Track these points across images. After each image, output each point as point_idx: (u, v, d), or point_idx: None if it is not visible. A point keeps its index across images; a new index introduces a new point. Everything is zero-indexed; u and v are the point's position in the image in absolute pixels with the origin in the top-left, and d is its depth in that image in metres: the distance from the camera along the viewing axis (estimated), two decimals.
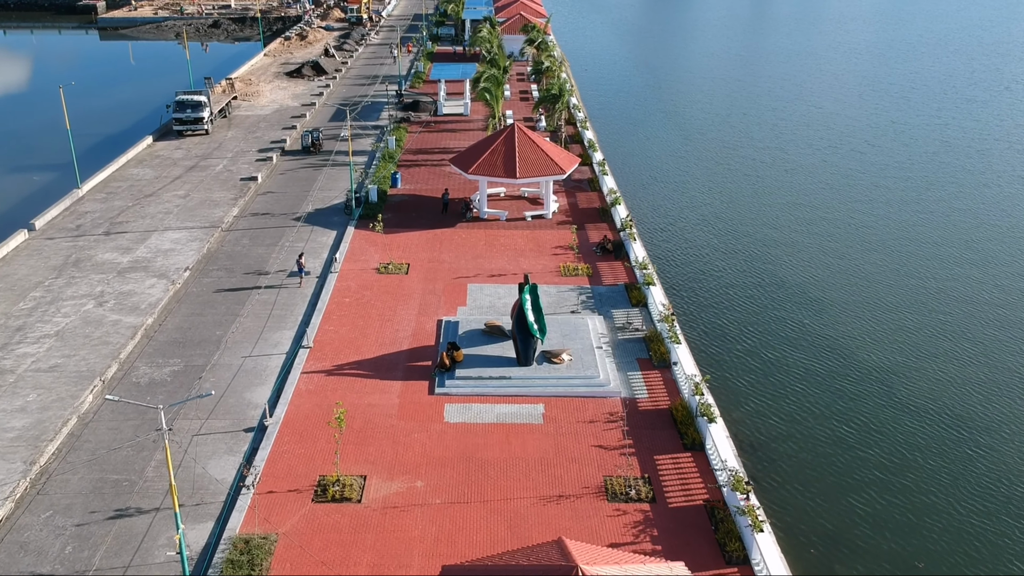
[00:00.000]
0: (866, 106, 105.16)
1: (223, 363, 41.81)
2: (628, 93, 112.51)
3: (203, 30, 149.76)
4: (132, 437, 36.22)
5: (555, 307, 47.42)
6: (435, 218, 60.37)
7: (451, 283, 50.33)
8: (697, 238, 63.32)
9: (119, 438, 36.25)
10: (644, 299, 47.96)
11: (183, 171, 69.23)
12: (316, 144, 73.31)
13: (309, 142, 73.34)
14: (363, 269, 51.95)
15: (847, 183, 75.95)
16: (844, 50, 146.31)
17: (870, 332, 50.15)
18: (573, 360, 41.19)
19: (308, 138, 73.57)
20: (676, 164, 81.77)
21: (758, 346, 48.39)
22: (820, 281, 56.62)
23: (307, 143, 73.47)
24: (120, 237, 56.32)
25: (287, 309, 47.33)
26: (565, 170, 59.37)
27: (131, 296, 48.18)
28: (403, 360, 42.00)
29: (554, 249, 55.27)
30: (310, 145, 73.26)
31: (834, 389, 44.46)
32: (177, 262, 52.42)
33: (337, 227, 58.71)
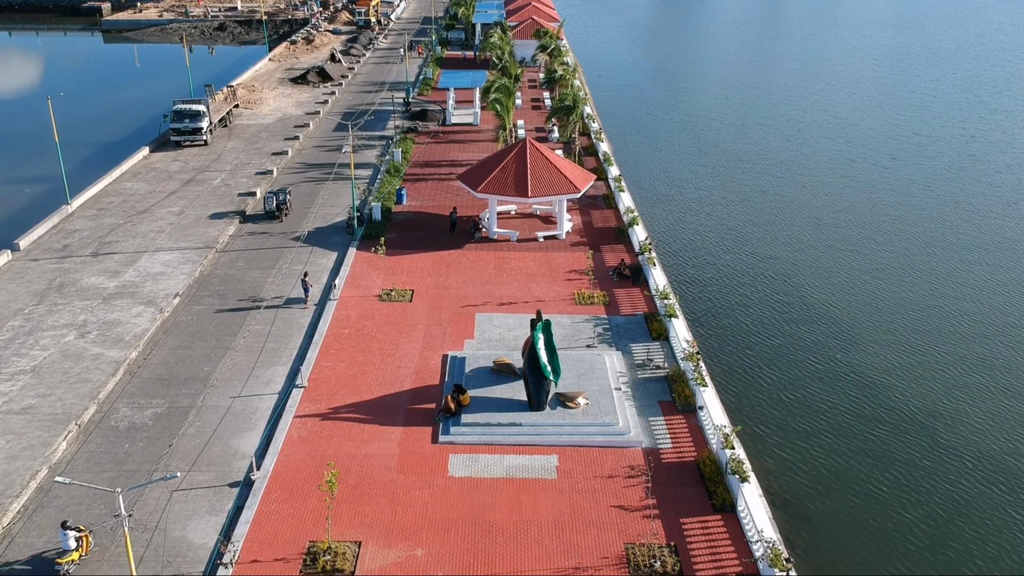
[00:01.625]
0: (886, 116, 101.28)
1: (210, 404, 38.56)
2: (642, 100, 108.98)
3: (208, 33, 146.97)
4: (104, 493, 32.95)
5: (569, 340, 44.06)
6: (442, 238, 57.08)
7: (458, 312, 47.00)
8: (719, 263, 59.78)
9: (92, 493, 33.00)
10: (665, 332, 44.51)
11: (179, 185, 66.10)
12: (283, 208, 59.00)
13: (274, 206, 58.76)
14: (364, 296, 48.68)
15: (872, 201, 72.22)
16: (861, 55, 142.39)
17: (909, 368, 46.56)
18: (590, 404, 37.81)
19: (272, 201, 58.81)
20: (694, 179, 78.25)
21: (790, 385, 44.87)
22: (851, 312, 53.02)
23: (271, 207, 58.83)
24: (108, 259, 53.19)
25: (282, 341, 44.08)
26: (580, 188, 55.99)
27: (115, 326, 45.00)
28: (405, 402, 38.69)
29: (568, 274, 51.87)
30: (275, 209, 58.76)
31: (875, 435, 40.94)
32: (167, 287, 49.24)
33: (338, 248, 55.46)
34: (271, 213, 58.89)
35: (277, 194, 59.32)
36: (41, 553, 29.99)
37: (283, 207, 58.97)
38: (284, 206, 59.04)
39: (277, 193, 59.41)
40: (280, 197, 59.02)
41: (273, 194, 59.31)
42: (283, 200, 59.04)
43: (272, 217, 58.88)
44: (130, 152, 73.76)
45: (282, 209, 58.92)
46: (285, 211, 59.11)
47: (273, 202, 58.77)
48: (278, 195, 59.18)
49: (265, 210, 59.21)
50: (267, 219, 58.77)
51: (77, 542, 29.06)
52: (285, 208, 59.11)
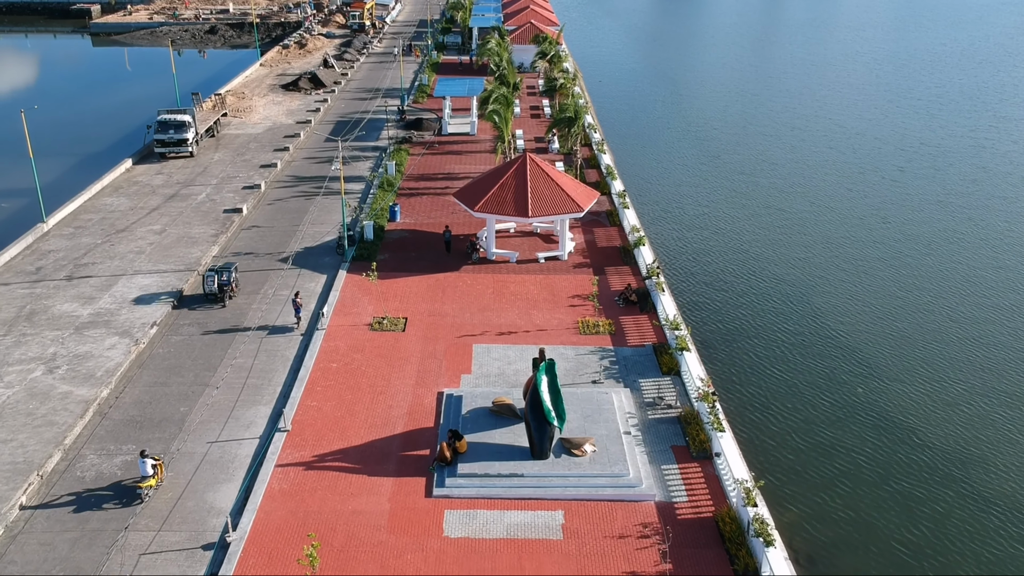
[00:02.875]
0: (892, 125, 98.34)
1: (185, 451, 35.52)
2: (643, 108, 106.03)
3: (199, 36, 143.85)
4: (67, 555, 29.97)
5: (574, 375, 41.09)
6: (437, 258, 54.09)
7: (454, 343, 43.99)
8: (729, 288, 56.81)
9: (52, 557, 30.00)
10: (676, 366, 41.55)
11: (161, 201, 63.02)
12: (226, 289, 47.36)
13: (215, 287, 46.97)
14: (354, 325, 45.65)
15: (883, 217, 69.30)
16: (863, 59, 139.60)
17: (933, 403, 43.66)
18: (597, 451, 34.84)
19: (214, 281, 47.02)
20: (699, 194, 75.30)
21: (809, 427, 41.93)
22: (869, 340, 50.11)
23: (212, 288, 46.99)
24: (84, 283, 50.12)
25: (265, 377, 41.04)
26: (583, 207, 53.01)
27: (87, 360, 41.93)
28: (396, 448, 35.68)
29: (571, 299, 48.89)
30: (217, 291, 47.05)
31: (901, 483, 38.01)
32: (143, 315, 46.16)
33: (328, 270, 52.44)
34: (212, 296, 47.27)
35: (220, 272, 47.35)
36: (120, 481, 33.62)
37: (227, 288, 47.23)
38: (228, 287, 47.28)
39: (220, 271, 47.44)
40: (223, 276, 47.23)
41: (215, 272, 47.28)
42: (227, 280, 47.21)
43: (214, 300, 47.31)
44: (113, 163, 70.77)
45: (225, 291, 47.12)
46: (230, 293, 47.45)
47: (215, 282, 46.97)
48: (220, 273, 47.28)
49: (205, 292, 47.30)
50: (208, 302, 47.34)
51: (154, 469, 32.78)
52: (229, 289, 47.39)
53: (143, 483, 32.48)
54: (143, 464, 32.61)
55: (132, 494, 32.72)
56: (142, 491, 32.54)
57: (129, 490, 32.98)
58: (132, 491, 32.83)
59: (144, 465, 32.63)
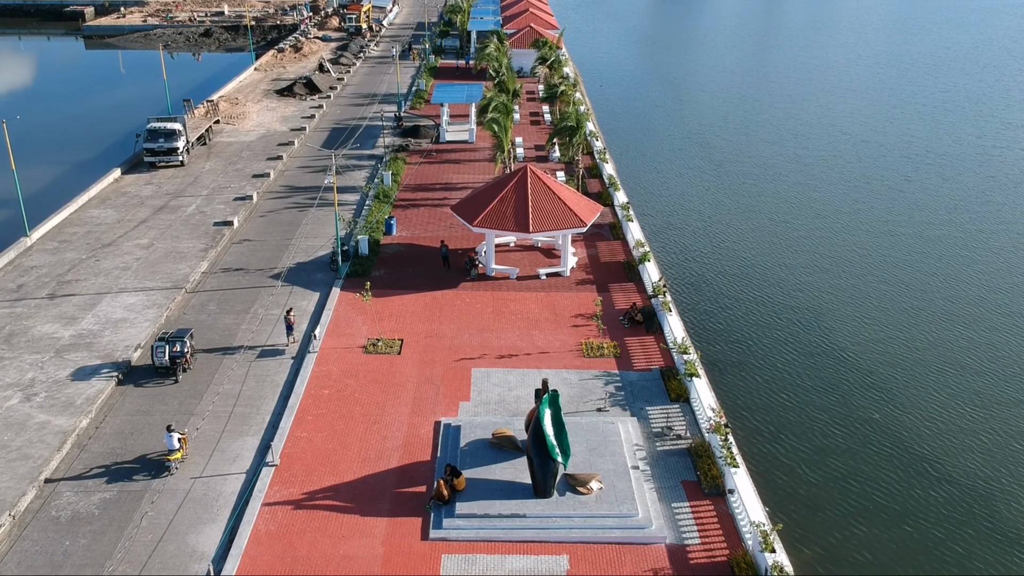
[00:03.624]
0: (897, 132, 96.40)
1: (167, 488, 33.55)
2: (644, 113, 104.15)
3: (194, 39, 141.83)
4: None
5: (577, 402, 39.15)
6: (435, 274, 52.14)
7: (452, 367, 42.03)
8: (737, 307, 54.96)
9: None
10: (685, 393, 39.60)
11: (150, 213, 61.02)
12: (179, 361, 40.76)
13: (166, 360, 40.51)
14: (348, 347, 43.68)
15: (892, 231, 67.40)
16: (866, 64, 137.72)
17: (955, 433, 41.82)
18: (603, 488, 32.89)
19: (164, 353, 40.48)
20: (703, 206, 73.43)
21: (824, 458, 40.09)
22: (883, 362, 48.29)
23: (162, 360, 40.57)
24: (66, 302, 48.12)
25: (253, 405, 39.05)
26: (586, 222, 51.09)
27: (66, 387, 39.95)
28: (391, 484, 33.72)
29: (574, 319, 46.94)
30: (168, 364, 40.61)
31: (924, 519, 36.14)
32: (128, 337, 44.18)
33: (321, 287, 50.48)
34: (163, 369, 40.94)
35: (171, 342, 40.71)
36: (145, 455, 35.40)
37: (180, 360, 40.72)
38: (181, 359, 40.75)
39: (171, 340, 40.77)
40: (176, 346, 40.63)
41: (165, 343, 40.67)
42: (180, 351, 40.64)
43: (166, 373, 40.97)
44: (101, 172, 68.88)
45: (178, 363, 40.72)
46: (183, 365, 40.99)
47: (165, 354, 40.51)
48: (172, 343, 40.69)
49: (155, 365, 40.90)
50: (158, 376, 40.86)
51: (179, 443, 34.50)
52: (183, 361, 40.89)
53: (171, 456, 34.30)
54: (170, 438, 34.24)
55: (160, 466, 34.58)
56: (170, 463, 34.37)
57: (156, 463, 34.84)
58: (160, 464, 34.67)
59: (171, 439, 34.27)
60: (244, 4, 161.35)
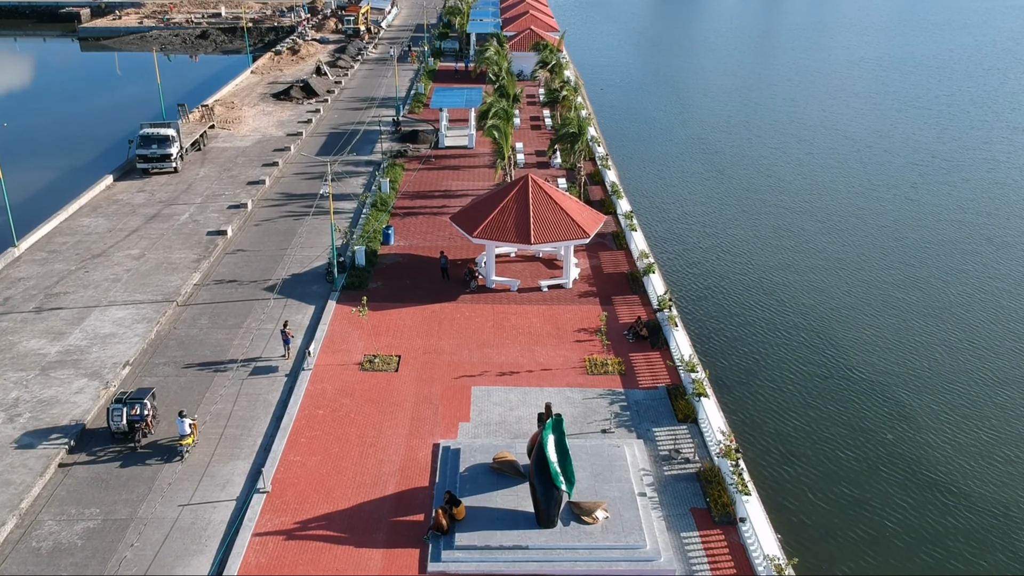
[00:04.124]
0: (902, 136, 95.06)
1: (153, 516, 32.12)
2: (646, 118, 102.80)
3: (190, 41, 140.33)
4: None
5: (581, 422, 37.76)
6: (433, 286, 50.74)
7: (451, 385, 40.63)
8: (744, 319, 53.71)
9: None
10: (693, 413, 38.21)
11: (142, 222, 59.58)
12: (139, 425, 35.78)
13: (123, 424, 35.56)
14: (343, 364, 42.26)
15: (900, 240, 66.22)
16: (869, 66, 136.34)
17: (973, 452, 40.41)
18: (610, 517, 31.49)
19: (121, 416, 35.50)
20: (706, 214, 72.12)
21: (838, 483, 38.75)
22: (896, 380, 47.00)
23: (119, 425, 35.60)
24: (54, 316, 46.69)
25: (245, 426, 37.63)
26: (589, 233, 49.68)
27: (52, 406, 38.52)
28: (387, 512, 32.31)
29: (576, 333, 45.54)
30: (126, 429, 35.72)
31: (943, 556, 34.75)
32: (116, 354, 42.74)
33: (316, 300, 49.05)
34: (120, 434, 35.98)
35: (130, 404, 35.70)
36: (156, 441, 36.01)
37: (140, 424, 35.78)
38: (141, 423, 35.79)
39: (130, 402, 35.77)
40: (136, 409, 35.64)
41: (122, 405, 35.62)
42: (140, 414, 35.67)
43: (124, 439, 36.03)
44: (93, 178, 67.48)
45: (138, 427, 35.77)
46: (144, 430, 36.01)
47: (122, 417, 35.48)
48: (131, 404, 35.68)
49: (112, 430, 35.92)
50: (116, 442, 36.01)
51: (190, 428, 35.12)
52: (143, 426, 35.89)
53: (183, 441, 34.95)
54: (181, 423, 34.92)
55: (173, 452, 35.21)
56: (182, 448, 35.00)
57: (170, 448, 35.51)
58: (173, 449, 35.29)
59: (182, 424, 34.92)
60: (241, 6, 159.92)
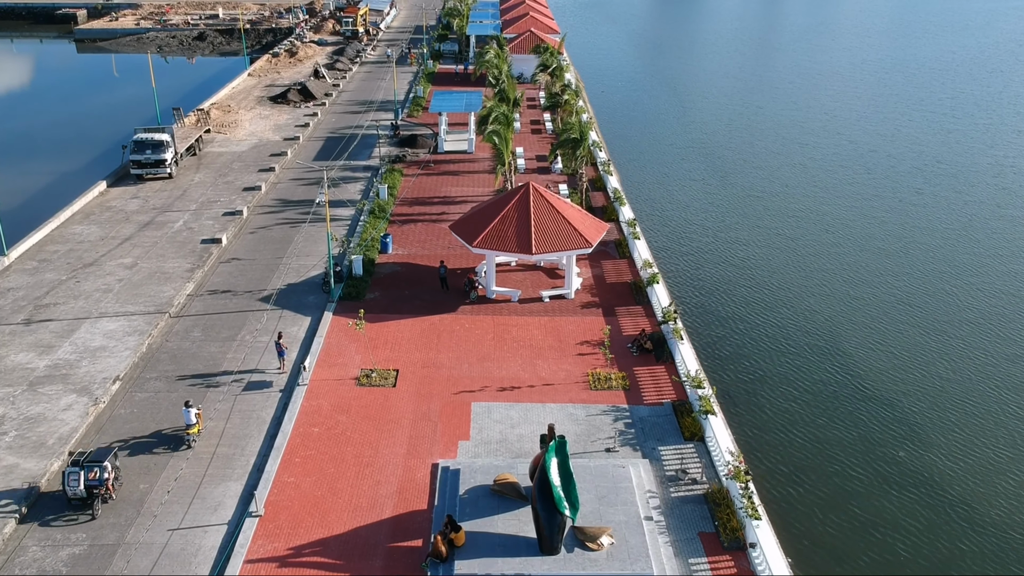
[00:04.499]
0: (906, 141, 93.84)
1: (141, 541, 30.97)
2: (647, 121, 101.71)
3: (187, 43, 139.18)
4: None
5: (585, 440, 36.62)
6: (432, 297, 49.61)
7: (450, 401, 39.49)
8: (750, 331, 52.57)
9: None
10: (700, 431, 37.08)
11: (135, 229, 58.43)
12: (98, 491, 31.65)
13: (81, 489, 31.44)
14: (339, 379, 41.12)
15: (906, 248, 65.06)
16: (871, 68, 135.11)
17: (986, 474, 39.29)
18: (615, 543, 30.35)
19: (78, 480, 31.39)
20: (709, 221, 71.00)
21: (849, 504, 37.59)
22: (910, 396, 45.81)
23: (76, 490, 31.49)
24: (43, 328, 45.53)
25: (238, 445, 36.49)
26: (591, 242, 48.56)
27: (39, 424, 37.38)
28: (384, 537, 31.17)
29: (579, 346, 44.41)
30: (84, 495, 31.63)
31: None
32: (106, 368, 41.60)
33: (312, 311, 47.91)
34: (79, 500, 31.98)
35: (88, 467, 31.75)
36: (161, 430, 36.98)
37: (99, 489, 31.65)
38: (100, 488, 31.66)
39: (88, 465, 31.80)
40: (95, 472, 31.67)
41: (79, 468, 31.63)
42: (99, 479, 31.62)
43: (81, 506, 32.05)
44: (87, 183, 66.44)
45: (97, 493, 31.66)
46: (103, 494, 31.92)
47: (79, 482, 31.38)
48: (90, 468, 31.74)
49: (68, 495, 31.75)
50: (73, 509, 32.04)
51: (196, 417, 35.90)
52: (103, 491, 31.77)
53: (189, 430, 35.71)
54: (187, 413, 35.68)
55: (180, 441, 36.02)
56: (189, 437, 35.78)
57: (175, 437, 36.32)
58: (179, 439, 36.09)
59: (188, 414, 35.68)
60: (239, 7, 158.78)
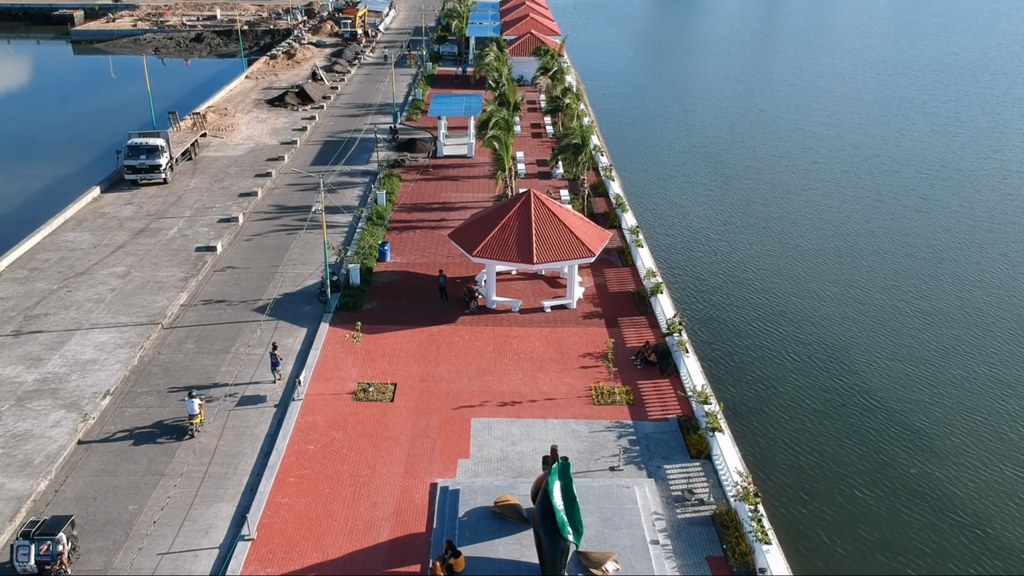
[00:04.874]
0: (910, 145, 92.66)
1: (132, 566, 29.88)
2: (648, 124, 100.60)
3: (185, 44, 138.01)
4: None
5: (588, 458, 35.57)
6: (431, 307, 48.54)
7: (449, 417, 38.42)
8: (755, 341, 51.50)
9: None
10: (707, 449, 36.01)
11: (128, 236, 57.35)
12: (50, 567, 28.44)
13: (31, 565, 28.32)
14: (336, 393, 40.05)
15: (912, 256, 63.95)
16: (874, 71, 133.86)
17: (1004, 494, 38.21)
18: (620, 569, 29.29)
19: (28, 555, 28.33)
20: (712, 228, 69.91)
21: (862, 525, 36.48)
22: (923, 412, 44.75)
23: (25, 568, 28.41)
24: (32, 340, 44.46)
25: (230, 463, 35.42)
26: (594, 251, 47.48)
27: (26, 441, 36.30)
28: (381, 562, 30.10)
29: (581, 358, 43.35)
30: (35, 572, 28.45)
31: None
32: (96, 382, 40.52)
33: (308, 322, 46.84)
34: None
35: (39, 540, 28.62)
36: (162, 420, 37.90)
37: (51, 565, 28.49)
38: (53, 563, 28.50)
39: (40, 537, 28.67)
40: (47, 545, 28.51)
41: (29, 541, 28.57)
42: (52, 553, 28.45)
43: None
44: (81, 188, 65.49)
45: (49, 569, 28.49)
46: (57, 569, 28.60)
47: (29, 557, 28.32)
48: (41, 541, 28.58)
49: (17, 572, 28.64)
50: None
51: (199, 408, 36.73)
52: (55, 565, 28.51)
53: (192, 420, 36.53)
54: (191, 403, 36.61)
55: (181, 431, 36.88)
56: (191, 427, 36.62)
57: (177, 427, 37.20)
58: (181, 429, 36.94)
59: (192, 404, 36.61)
60: (237, 8, 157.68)
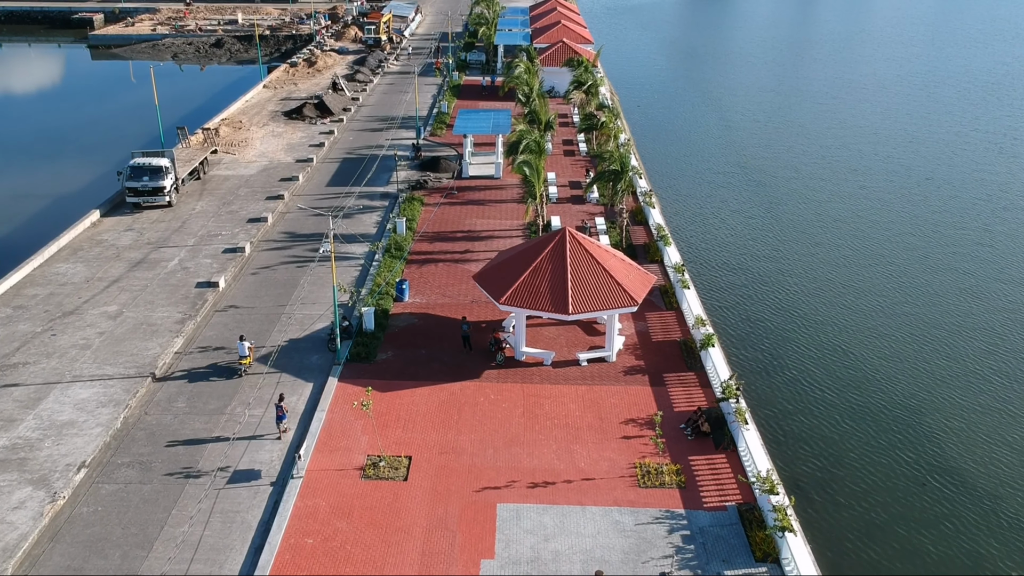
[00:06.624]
0: (966, 166, 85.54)
1: None
2: (686, 141, 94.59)
3: (204, 50, 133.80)
4: None
5: (634, 561, 30.13)
6: (453, 358, 43.32)
7: (472, 502, 33.12)
8: (825, 411, 45.61)
9: None
10: (775, 551, 30.45)
11: (125, 269, 52.60)
12: None
13: None
14: (341, 468, 34.89)
15: (975, 294, 57.92)
16: (919, 82, 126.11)
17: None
18: None
19: None
20: (761, 264, 63.82)
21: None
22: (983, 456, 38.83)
23: None
24: (6, 395, 39.66)
25: (215, 560, 30.32)
26: (637, 299, 42.01)
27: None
28: None
29: (623, 426, 37.91)
30: None
31: None
32: (71, 450, 35.62)
33: (315, 375, 41.73)
34: None
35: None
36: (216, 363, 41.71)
37: None
38: None
39: None
40: None
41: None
42: None
43: None
44: (81, 209, 61.19)
45: None
46: None
47: None
48: None
49: None
50: None
51: (248, 351, 40.42)
52: None
53: (242, 360, 40.53)
54: (241, 346, 40.61)
55: (233, 371, 40.83)
56: (241, 367, 40.71)
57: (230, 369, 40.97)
58: (233, 370, 40.89)
59: (242, 347, 40.61)
60: (258, 12, 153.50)
